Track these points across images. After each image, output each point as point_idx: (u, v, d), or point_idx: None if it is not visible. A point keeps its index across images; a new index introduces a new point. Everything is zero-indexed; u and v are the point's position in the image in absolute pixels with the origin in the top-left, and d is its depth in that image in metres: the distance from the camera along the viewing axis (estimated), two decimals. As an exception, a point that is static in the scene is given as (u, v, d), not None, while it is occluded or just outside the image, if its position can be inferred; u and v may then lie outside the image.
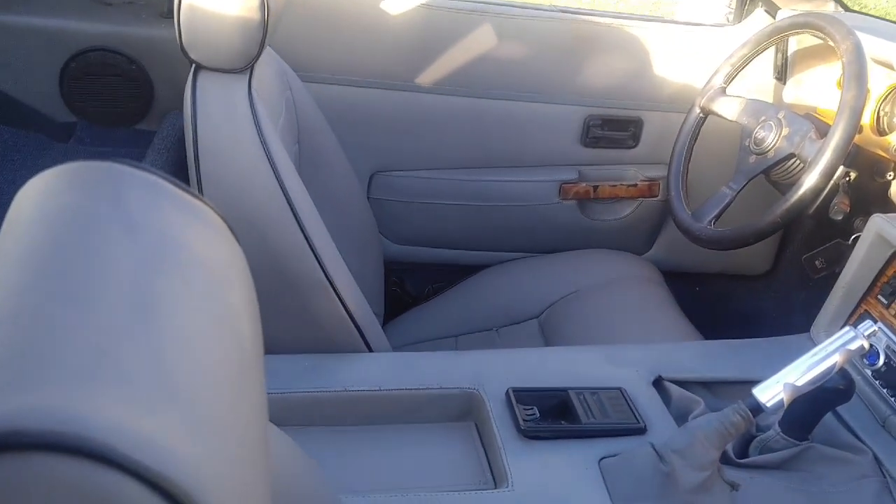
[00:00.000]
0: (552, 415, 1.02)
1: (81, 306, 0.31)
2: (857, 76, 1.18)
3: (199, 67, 1.06)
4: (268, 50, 1.19)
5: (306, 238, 1.09)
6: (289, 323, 1.13)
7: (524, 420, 0.99)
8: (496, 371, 1.09)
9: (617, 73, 1.62)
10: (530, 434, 0.97)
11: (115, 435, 0.26)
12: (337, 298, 1.12)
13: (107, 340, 0.30)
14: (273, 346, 1.17)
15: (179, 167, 1.29)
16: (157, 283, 0.34)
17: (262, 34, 1.02)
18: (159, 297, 0.34)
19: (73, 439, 0.25)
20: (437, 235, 1.73)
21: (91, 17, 1.47)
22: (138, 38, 1.52)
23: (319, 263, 1.10)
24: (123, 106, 1.56)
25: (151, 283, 0.34)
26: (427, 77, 1.58)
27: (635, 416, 1.01)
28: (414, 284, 1.77)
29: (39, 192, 0.40)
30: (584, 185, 1.68)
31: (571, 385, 1.05)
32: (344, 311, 1.13)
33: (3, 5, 1.43)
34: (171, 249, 0.37)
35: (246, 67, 1.06)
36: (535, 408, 1.01)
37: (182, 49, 1.02)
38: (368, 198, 1.66)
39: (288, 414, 1.02)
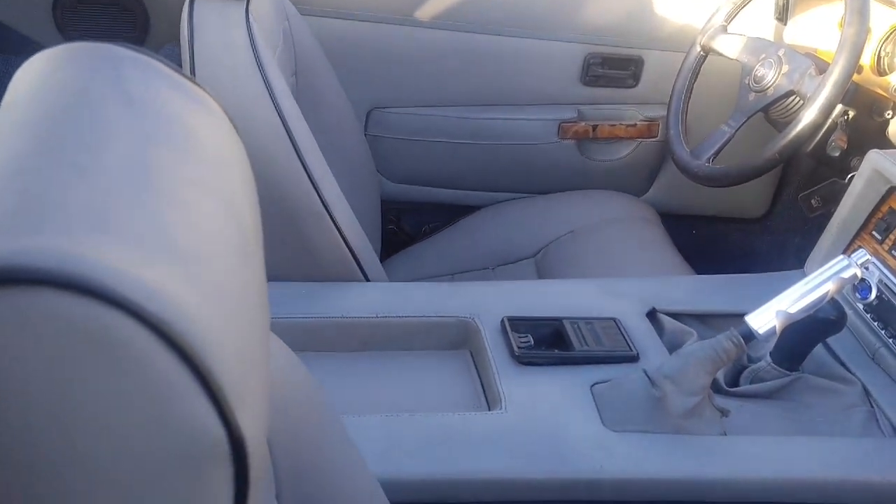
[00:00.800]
0: (546, 343, 1.03)
1: (81, 169, 0.31)
2: (858, 11, 1.17)
3: (194, -5, 1.05)
4: None
5: (304, 167, 1.09)
6: (286, 251, 1.14)
7: (518, 347, 1.00)
8: (492, 301, 1.10)
9: (618, 11, 1.60)
10: (524, 360, 0.99)
11: (117, 277, 0.26)
12: (335, 228, 1.13)
13: (107, 199, 0.30)
14: (270, 273, 1.17)
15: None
16: (156, 154, 0.34)
17: None
18: (158, 166, 0.34)
19: (77, 277, 0.25)
20: (435, 174, 1.73)
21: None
22: (133, -34, 1.50)
23: (317, 192, 1.10)
24: (118, 36, 1.55)
25: (150, 154, 0.34)
26: (426, 11, 1.56)
27: (628, 344, 1.02)
28: (411, 223, 1.78)
29: (37, 70, 0.40)
30: (583, 124, 1.68)
31: (566, 315, 1.07)
32: (341, 241, 1.13)
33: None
34: (170, 125, 0.37)
35: None
36: (529, 336, 1.02)
37: None
38: (366, 134, 1.65)
39: (285, 339, 1.03)
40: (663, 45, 1.62)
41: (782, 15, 1.56)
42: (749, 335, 0.91)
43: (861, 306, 1.09)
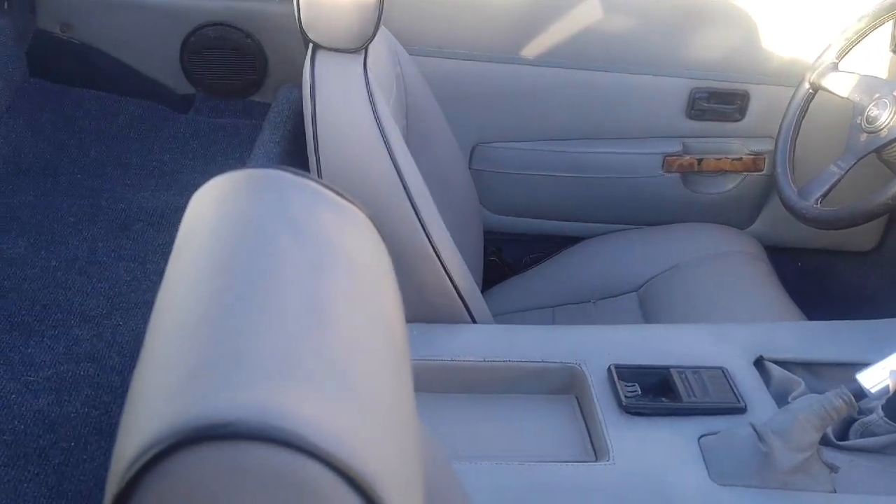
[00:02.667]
0: (653, 392, 1.04)
1: (265, 311, 0.36)
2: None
3: (317, 47, 1.11)
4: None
5: (416, 213, 1.14)
6: (398, 291, 1.17)
7: (626, 396, 1.01)
8: (598, 347, 1.11)
9: (724, 46, 1.58)
10: (632, 410, 1.00)
11: (309, 427, 0.30)
12: (443, 271, 1.16)
13: (290, 343, 0.34)
14: (382, 314, 1.22)
15: (296, 140, 1.35)
16: (324, 286, 0.39)
17: (378, 15, 1.06)
18: (326, 300, 0.38)
19: (280, 432, 0.30)
20: (537, 206, 1.74)
21: (208, -7, 1.54)
22: (253, 13, 1.58)
23: (428, 237, 1.15)
24: (239, 78, 1.63)
25: (319, 287, 0.39)
26: (531, 50, 1.58)
27: (735, 395, 1.02)
28: (512, 254, 1.79)
29: (214, 198, 0.45)
30: (688, 157, 1.66)
31: (673, 363, 1.07)
32: (450, 284, 1.17)
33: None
34: (331, 253, 0.41)
35: (361, 47, 1.10)
36: (636, 384, 1.04)
37: (301, 29, 1.07)
38: (470, 168, 1.68)
39: (397, 380, 1.08)
40: (770, 80, 1.60)
41: (898, 47, 1.51)
42: (860, 394, 0.90)
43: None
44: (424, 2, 1.53)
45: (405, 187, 1.13)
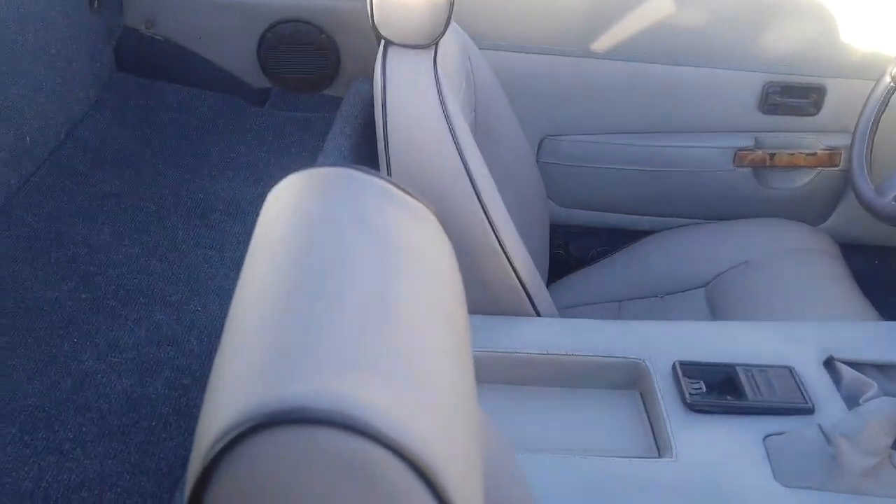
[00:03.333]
0: (718, 389, 1.04)
1: (334, 304, 0.38)
2: None
3: (388, 43, 1.13)
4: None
5: (482, 206, 1.15)
6: (463, 284, 1.20)
7: (690, 393, 1.01)
8: (663, 342, 1.11)
9: (799, 39, 1.55)
10: (696, 407, 1.00)
11: (375, 414, 0.32)
12: (508, 264, 1.18)
13: (357, 335, 0.37)
14: (448, 306, 1.24)
15: (366, 133, 1.38)
16: (391, 283, 0.41)
17: (448, 12, 1.08)
18: (392, 294, 0.40)
19: (348, 417, 0.32)
20: (605, 200, 1.74)
21: (285, -10, 1.58)
22: (327, 9, 1.62)
23: (493, 231, 1.16)
24: (313, 73, 1.67)
25: (387, 283, 0.41)
26: (601, 44, 1.58)
27: (803, 395, 1.01)
28: (578, 248, 1.79)
29: (288, 196, 0.47)
30: (760, 151, 1.63)
31: (739, 361, 1.07)
32: (514, 277, 1.18)
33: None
34: (398, 250, 0.43)
35: (432, 43, 1.11)
36: (701, 382, 1.04)
37: (373, 26, 1.09)
38: (538, 161, 1.69)
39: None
40: (848, 73, 1.56)
41: None
42: (936, 398, 0.88)
43: None
44: (495, -3, 1.54)
45: (472, 181, 1.14)
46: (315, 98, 1.68)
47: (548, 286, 1.69)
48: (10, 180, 1.24)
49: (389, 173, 1.16)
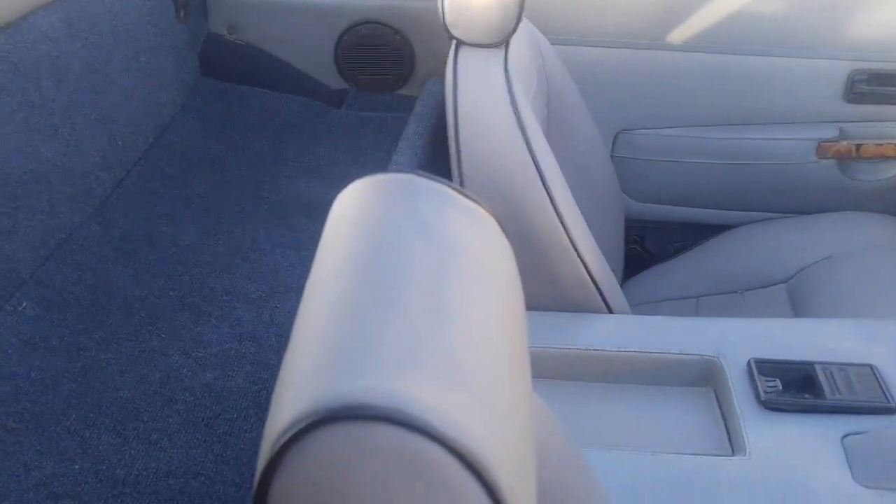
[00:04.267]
0: (795, 388, 1.02)
1: (394, 307, 0.40)
2: None
3: (459, 43, 1.14)
4: None
5: (553, 203, 1.16)
6: (534, 281, 1.20)
7: (765, 392, 1.00)
8: (738, 339, 1.09)
9: (888, 24, 1.50)
10: (771, 405, 0.98)
11: (429, 412, 0.34)
12: (580, 261, 1.18)
13: (415, 336, 0.38)
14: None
15: (438, 132, 1.40)
16: (448, 286, 0.42)
17: (519, 11, 1.09)
18: (450, 298, 0.42)
19: (400, 414, 0.34)
20: (682, 194, 1.71)
21: (361, -7, 1.62)
22: (402, 10, 1.64)
23: (564, 227, 1.16)
24: (388, 73, 1.70)
25: (443, 287, 0.42)
26: (677, 35, 1.55)
27: (885, 394, 0.98)
28: (655, 243, 1.77)
29: (355, 200, 0.49)
30: (845, 143, 1.58)
31: (817, 359, 1.04)
32: (586, 274, 1.18)
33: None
34: (457, 256, 0.45)
35: (502, 42, 1.13)
36: (777, 380, 1.02)
37: (444, 27, 1.11)
38: (612, 156, 1.68)
39: (534, 367, 1.11)
40: (941, 59, 1.50)
41: None
42: None
43: None
44: (567, -8, 1.53)
45: (542, 178, 1.15)
46: (390, 98, 1.71)
47: (623, 282, 1.69)
48: (105, 184, 1.32)
49: (461, 173, 1.17)
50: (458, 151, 1.17)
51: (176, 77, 1.57)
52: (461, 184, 1.17)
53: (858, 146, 1.58)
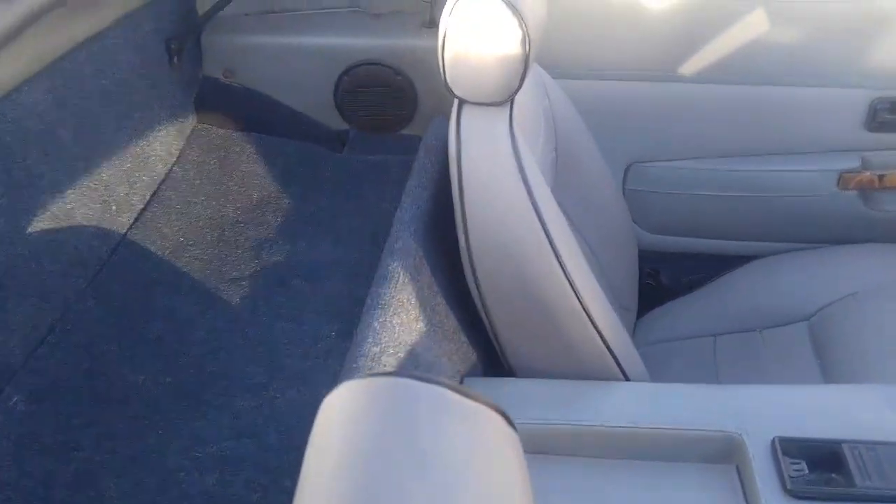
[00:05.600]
0: (823, 468, 0.97)
1: None
2: None
3: (462, 102, 1.09)
4: None
5: (562, 267, 1.11)
6: (545, 348, 1.16)
7: (791, 477, 0.95)
8: (762, 411, 1.04)
9: (911, 52, 1.43)
10: (798, 494, 0.93)
11: None
12: (592, 327, 1.13)
13: None
14: (531, 369, 1.21)
15: (444, 181, 1.35)
16: (441, 500, 0.38)
17: (523, 68, 1.03)
18: None
19: None
20: (697, 225, 1.66)
21: (360, 33, 1.56)
22: (403, 50, 1.59)
23: (574, 292, 1.11)
24: (390, 114, 1.65)
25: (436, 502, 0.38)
26: (689, 67, 1.50)
27: (919, 479, 0.93)
28: (670, 276, 1.72)
29: (343, 405, 0.45)
30: (867, 173, 1.53)
31: (846, 435, 0.99)
32: (600, 340, 1.14)
33: (282, 28, 1.55)
34: (452, 466, 0.40)
35: (507, 100, 1.07)
36: (802, 462, 0.97)
37: (446, 86, 1.06)
38: (625, 189, 1.63)
39: (547, 444, 1.07)
40: (966, 87, 1.43)
41: None
42: None
43: None
44: (575, 26, 1.48)
45: (552, 245, 1.10)
46: (393, 138, 1.66)
47: (638, 318, 1.65)
48: (99, 252, 1.27)
49: (467, 236, 1.13)
50: (465, 219, 1.12)
51: (171, 127, 1.52)
52: (468, 251, 1.13)
53: (881, 176, 1.53)
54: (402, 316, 1.06)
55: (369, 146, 1.63)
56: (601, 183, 1.47)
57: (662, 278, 1.73)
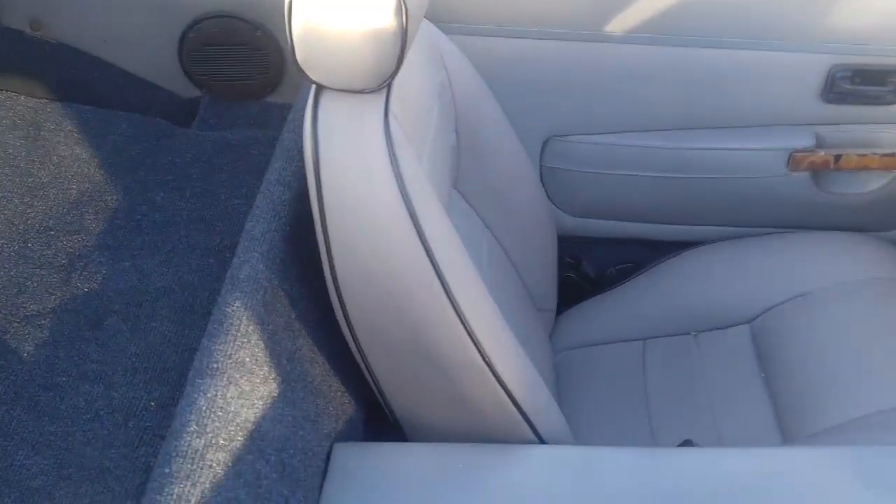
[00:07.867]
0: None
1: None
2: None
3: (320, 88, 0.81)
4: None
5: (456, 311, 0.86)
6: (440, 407, 0.93)
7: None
8: (710, 484, 0.86)
9: (877, 11, 1.26)
10: None
11: None
12: (495, 380, 0.90)
13: None
14: (422, 428, 0.98)
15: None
16: None
17: (401, 45, 0.76)
18: None
19: None
20: (624, 208, 1.47)
21: (206, -24, 1.26)
22: (261, 1, 1.31)
23: (473, 341, 0.88)
24: (251, 78, 1.38)
25: None
26: (618, 23, 1.29)
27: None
28: (593, 265, 1.53)
29: None
30: (822, 153, 1.35)
31: None
32: (507, 398, 0.91)
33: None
34: None
35: (381, 86, 0.79)
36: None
37: (298, 68, 0.77)
38: (542, 166, 1.42)
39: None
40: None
41: None
42: None
43: None
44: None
45: (440, 278, 0.85)
46: (256, 108, 1.37)
47: (557, 316, 1.46)
48: None
49: (332, 265, 0.87)
50: (328, 244, 0.85)
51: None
52: (335, 285, 0.86)
53: (838, 157, 1.36)
54: (243, 383, 0.79)
55: (226, 119, 1.33)
56: (513, 163, 1.27)
57: (585, 268, 1.52)
